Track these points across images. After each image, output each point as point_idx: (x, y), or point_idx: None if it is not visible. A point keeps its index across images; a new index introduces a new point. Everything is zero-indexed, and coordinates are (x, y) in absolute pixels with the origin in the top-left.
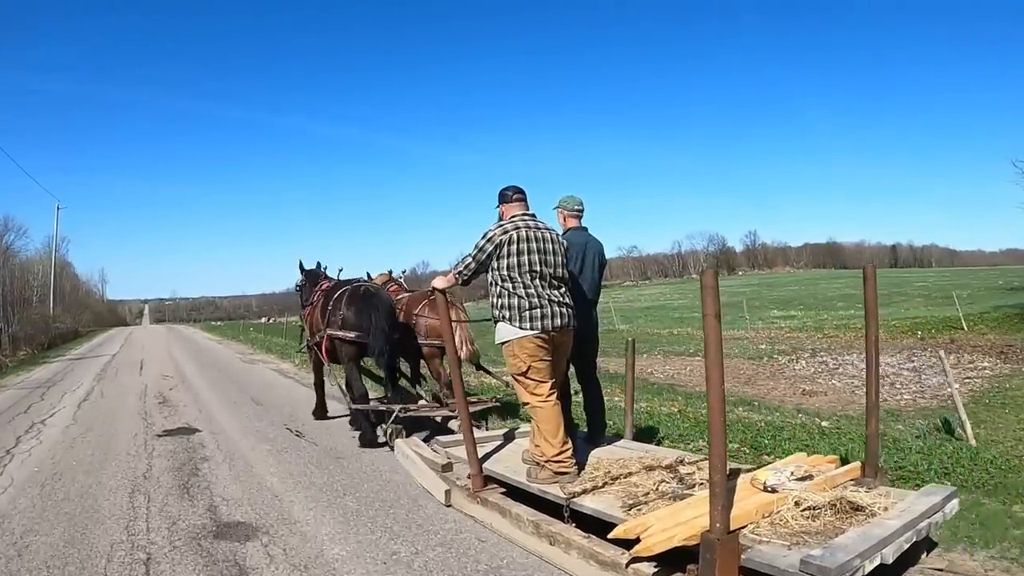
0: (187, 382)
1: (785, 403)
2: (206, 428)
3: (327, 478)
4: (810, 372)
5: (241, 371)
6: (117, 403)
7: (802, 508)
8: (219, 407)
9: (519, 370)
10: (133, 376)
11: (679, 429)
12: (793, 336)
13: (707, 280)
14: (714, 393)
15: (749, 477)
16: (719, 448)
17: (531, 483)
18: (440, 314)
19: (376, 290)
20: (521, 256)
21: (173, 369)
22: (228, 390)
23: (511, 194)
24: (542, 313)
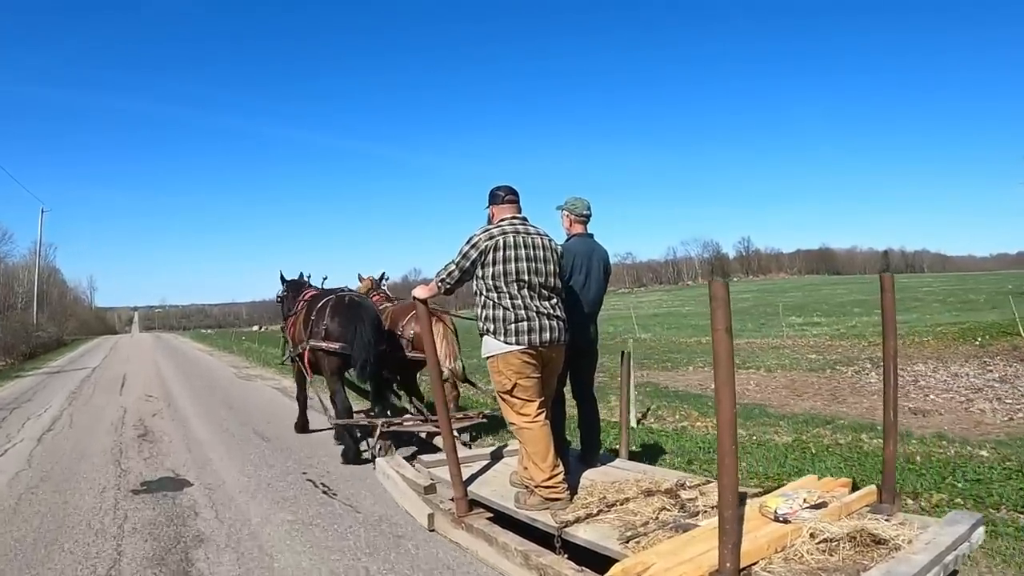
0: (174, 405)
1: (900, 425)
2: (198, 480)
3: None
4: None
5: (237, 391)
6: (87, 436)
7: (818, 541)
8: (214, 444)
9: (504, 388)
10: (112, 396)
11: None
12: (834, 344)
13: (718, 291)
14: (725, 414)
15: (758, 504)
16: (730, 477)
17: (519, 509)
18: (421, 326)
19: (360, 299)
20: (508, 264)
21: (159, 387)
22: (224, 418)
23: (503, 195)
24: (529, 327)
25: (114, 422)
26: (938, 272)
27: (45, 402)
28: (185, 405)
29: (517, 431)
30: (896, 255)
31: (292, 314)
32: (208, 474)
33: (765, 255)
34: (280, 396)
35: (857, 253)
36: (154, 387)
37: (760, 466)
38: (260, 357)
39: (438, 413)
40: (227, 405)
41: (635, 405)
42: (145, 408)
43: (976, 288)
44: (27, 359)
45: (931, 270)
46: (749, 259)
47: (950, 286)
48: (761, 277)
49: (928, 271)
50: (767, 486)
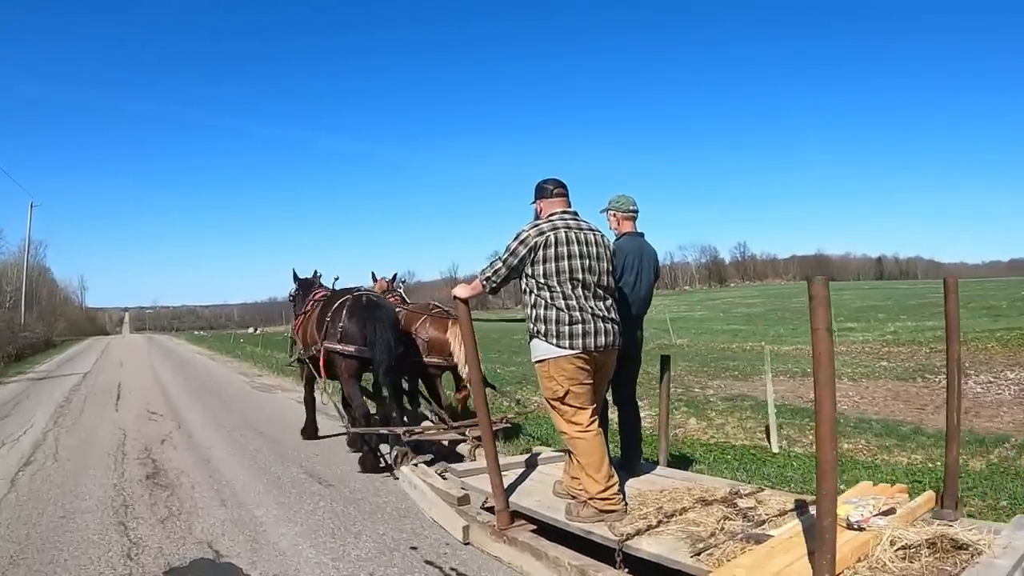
0: (185, 427)
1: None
2: (255, 566)
3: None
4: (1009, 396)
5: (257, 406)
6: (76, 477)
7: (897, 548)
8: (257, 491)
9: (555, 395)
10: (106, 412)
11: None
12: (892, 351)
13: (818, 291)
14: (825, 422)
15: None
16: (829, 487)
17: (572, 522)
18: (463, 330)
19: (379, 300)
20: (560, 261)
21: (161, 400)
22: (255, 447)
23: (551, 188)
24: (584, 330)
25: (112, 452)
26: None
27: (26, 418)
28: (198, 426)
29: (569, 440)
30: (890, 261)
31: (302, 313)
32: (266, 552)
33: (760, 261)
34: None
35: (851, 259)
36: (156, 400)
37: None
38: (269, 363)
39: (480, 420)
40: (252, 426)
41: (738, 421)
42: (149, 431)
43: (990, 295)
44: (13, 361)
45: (924, 277)
46: (745, 264)
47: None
48: (758, 282)
49: (922, 277)
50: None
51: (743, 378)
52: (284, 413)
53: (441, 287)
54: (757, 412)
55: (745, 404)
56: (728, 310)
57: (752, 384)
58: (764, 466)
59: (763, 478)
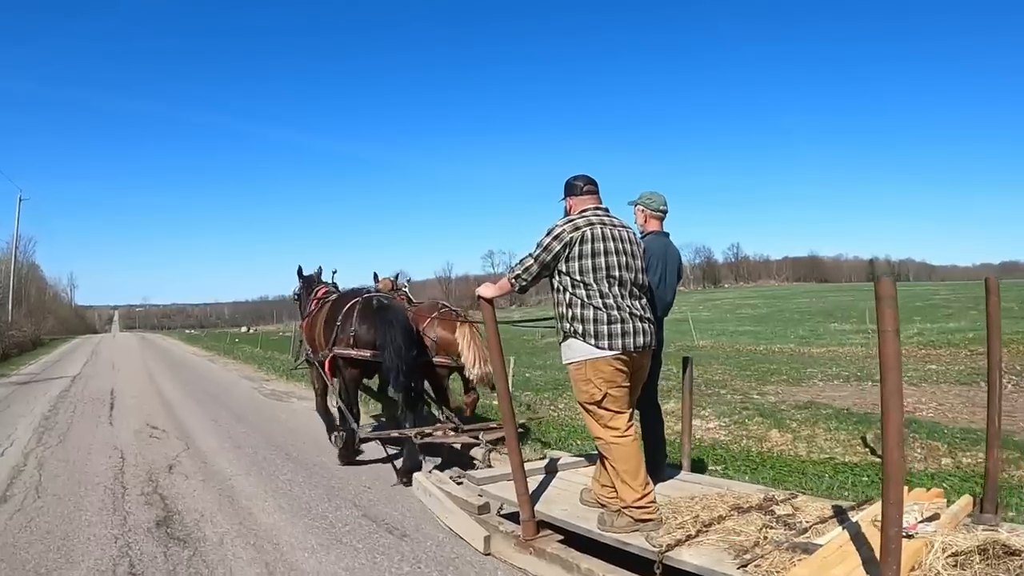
0: (195, 447)
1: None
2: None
3: None
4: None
5: (274, 418)
6: (65, 527)
7: (948, 554)
8: (310, 545)
9: (592, 398)
10: (99, 426)
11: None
12: (931, 353)
13: (886, 290)
14: (892, 427)
15: (868, 518)
16: (896, 495)
17: (605, 532)
18: (489, 332)
19: (389, 302)
20: (597, 257)
21: (162, 410)
22: (287, 474)
23: (581, 185)
24: (623, 329)
25: (108, 484)
26: (924, 280)
27: (5, 434)
28: (212, 447)
29: (605, 446)
30: (882, 263)
31: (307, 315)
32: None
33: (753, 262)
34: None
35: (843, 261)
36: (156, 411)
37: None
38: (274, 365)
39: (505, 426)
40: (275, 446)
41: (827, 432)
42: (153, 453)
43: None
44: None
45: (916, 279)
46: (739, 265)
47: (962, 294)
48: (752, 284)
49: (914, 279)
50: (856, 500)
51: (795, 383)
52: (308, 427)
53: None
54: (842, 421)
55: (823, 413)
56: (732, 311)
57: (810, 389)
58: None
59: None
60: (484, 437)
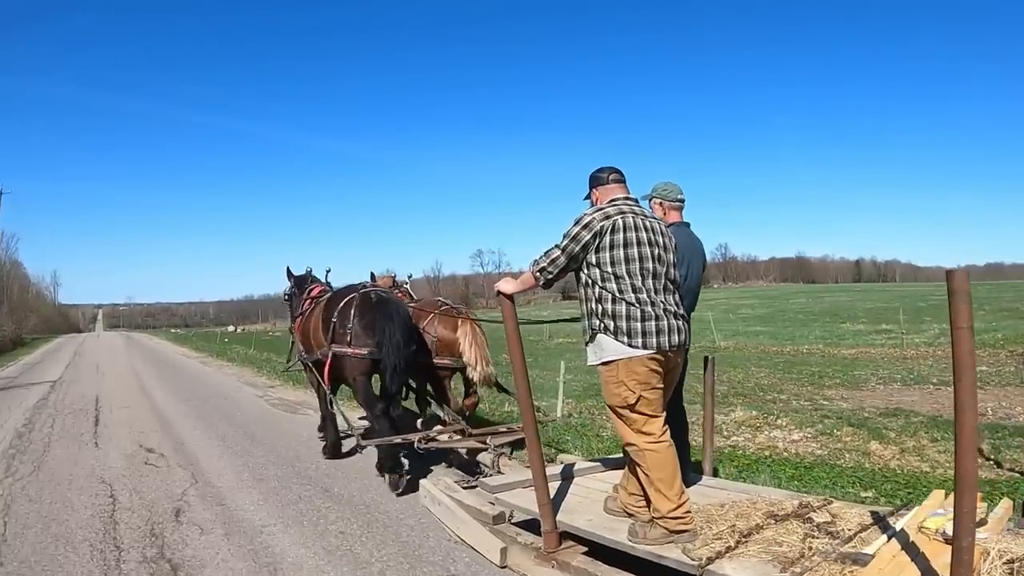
0: (205, 479)
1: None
2: None
3: None
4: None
5: (294, 436)
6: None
7: (1004, 561)
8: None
9: (625, 402)
10: (83, 448)
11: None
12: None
13: (960, 284)
14: (966, 432)
15: (914, 525)
16: (969, 504)
17: (637, 544)
18: (508, 330)
19: (388, 296)
20: (630, 248)
21: (157, 426)
22: (338, 523)
23: (606, 175)
24: (658, 326)
25: (97, 544)
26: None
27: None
28: (227, 479)
29: (638, 453)
30: (868, 264)
31: (300, 314)
32: None
33: (742, 262)
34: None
35: (830, 262)
36: (150, 426)
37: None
38: (273, 368)
39: (526, 431)
40: (307, 477)
41: (932, 442)
42: (153, 490)
43: (998, 296)
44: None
45: (903, 280)
46: (727, 266)
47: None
48: (741, 284)
49: (900, 280)
50: (894, 505)
51: (853, 386)
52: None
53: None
54: (943, 430)
55: (915, 420)
56: (732, 311)
57: (875, 393)
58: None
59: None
60: (492, 441)
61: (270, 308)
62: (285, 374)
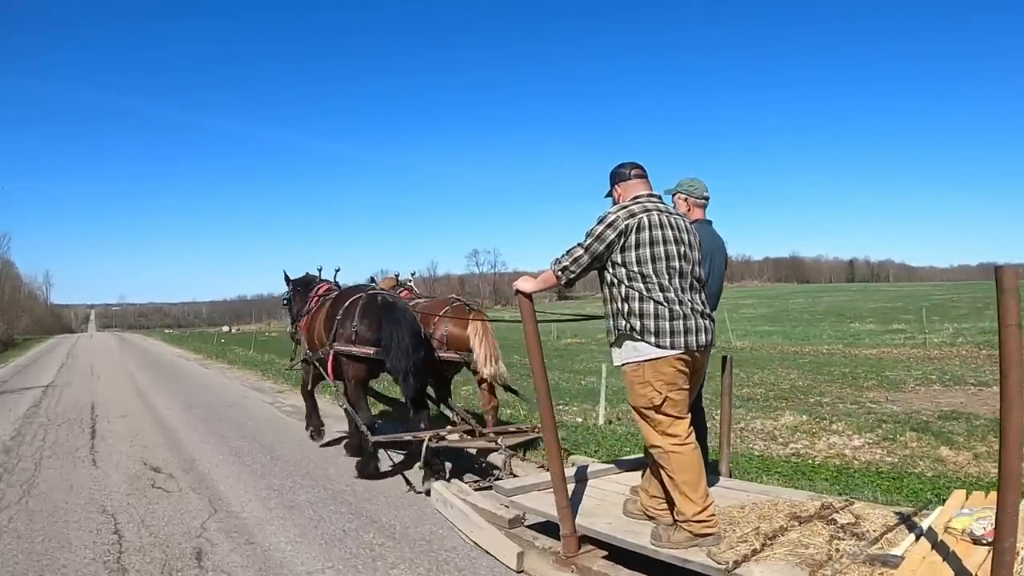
0: (227, 507)
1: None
2: None
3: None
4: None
5: (318, 450)
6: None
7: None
8: None
9: (651, 403)
10: (78, 467)
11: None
12: (993, 354)
13: (1009, 281)
14: (1013, 430)
15: (940, 525)
16: (1012, 501)
17: (661, 548)
18: (527, 329)
19: (395, 299)
20: (656, 246)
21: (161, 438)
22: (401, 563)
23: (627, 171)
24: (686, 326)
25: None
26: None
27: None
28: (253, 510)
29: (663, 455)
30: (861, 264)
31: (306, 313)
32: None
33: (735, 262)
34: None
35: (823, 262)
36: (153, 438)
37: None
38: (280, 372)
39: (545, 433)
40: (351, 506)
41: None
42: (165, 523)
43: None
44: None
45: (896, 279)
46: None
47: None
48: (735, 284)
49: (894, 280)
50: (916, 506)
51: (893, 387)
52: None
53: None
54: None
55: (979, 424)
56: (733, 311)
57: (918, 395)
58: None
59: None
60: (504, 442)
61: (264, 308)
62: (295, 378)
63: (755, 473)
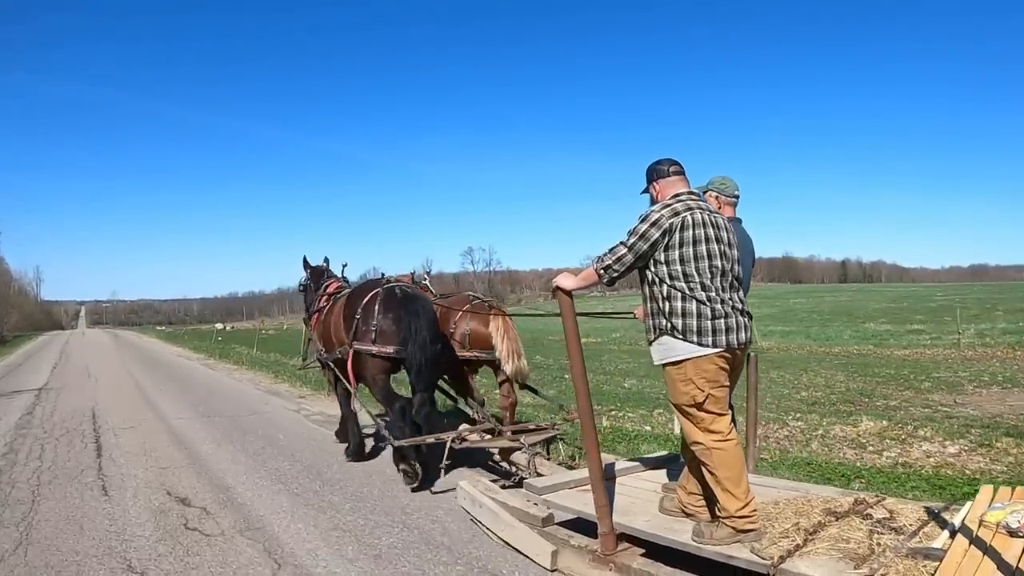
0: (287, 552)
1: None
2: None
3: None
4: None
5: (370, 469)
6: None
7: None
8: None
9: (694, 400)
10: (85, 496)
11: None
12: (1012, 354)
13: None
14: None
15: (974, 519)
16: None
17: (704, 544)
18: (567, 326)
19: (414, 292)
20: (699, 245)
21: (182, 456)
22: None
23: (666, 168)
24: (727, 324)
25: None
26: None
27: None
28: (325, 555)
29: (704, 452)
30: (854, 265)
31: (317, 310)
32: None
33: None
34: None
35: (815, 263)
36: (172, 457)
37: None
38: (294, 373)
39: (584, 431)
40: (444, 547)
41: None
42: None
43: (1002, 298)
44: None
45: (888, 280)
46: None
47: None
48: None
49: (886, 281)
50: (946, 501)
51: (953, 390)
52: (446, 497)
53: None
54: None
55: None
56: None
57: (983, 397)
58: None
59: None
60: (526, 440)
61: (255, 305)
62: (313, 381)
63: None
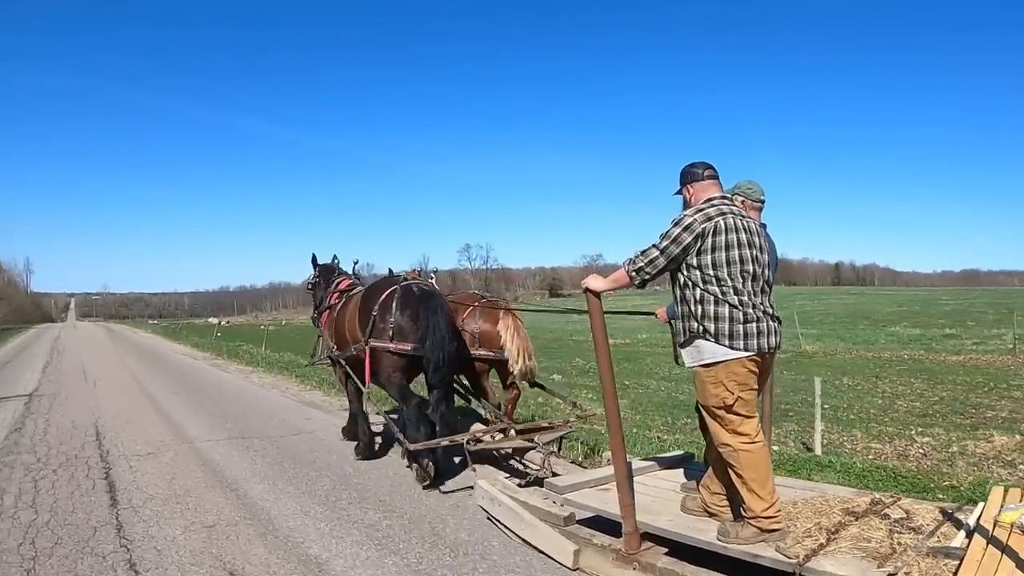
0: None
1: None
2: None
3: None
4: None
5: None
6: None
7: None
8: None
9: (724, 403)
10: (97, 568)
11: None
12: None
13: None
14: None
15: (989, 519)
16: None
17: (729, 544)
18: (594, 326)
19: (431, 289)
20: (732, 250)
21: (234, 505)
22: None
23: (700, 171)
24: (758, 328)
25: None
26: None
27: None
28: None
29: (732, 453)
30: (847, 268)
31: (328, 308)
32: None
33: None
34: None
35: (809, 264)
36: (216, 506)
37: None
38: (325, 378)
39: (611, 431)
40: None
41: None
42: None
43: (1004, 304)
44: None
45: (881, 284)
46: None
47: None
48: None
49: (878, 284)
50: (958, 503)
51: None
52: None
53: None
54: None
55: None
56: None
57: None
58: None
59: None
60: (540, 439)
61: (247, 300)
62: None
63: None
